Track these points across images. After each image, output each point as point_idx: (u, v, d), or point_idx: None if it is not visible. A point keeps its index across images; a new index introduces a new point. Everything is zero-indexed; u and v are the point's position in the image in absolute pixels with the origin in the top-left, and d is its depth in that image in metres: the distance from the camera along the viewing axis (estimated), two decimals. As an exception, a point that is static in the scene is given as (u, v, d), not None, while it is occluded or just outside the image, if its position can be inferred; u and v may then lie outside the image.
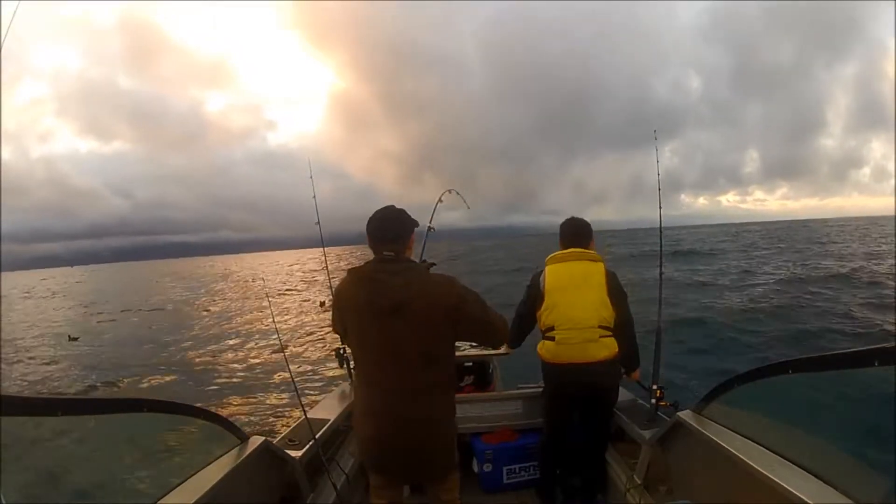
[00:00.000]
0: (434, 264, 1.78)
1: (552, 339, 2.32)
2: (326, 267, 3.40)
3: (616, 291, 2.33)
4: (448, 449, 1.68)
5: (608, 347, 2.29)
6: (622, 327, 2.35)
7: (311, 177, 3.04)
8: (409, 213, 1.69)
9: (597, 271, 2.34)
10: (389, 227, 1.61)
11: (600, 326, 2.27)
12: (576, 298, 2.31)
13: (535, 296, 2.40)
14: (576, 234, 2.38)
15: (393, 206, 1.67)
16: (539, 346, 2.41)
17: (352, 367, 3.14)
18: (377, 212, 1.65)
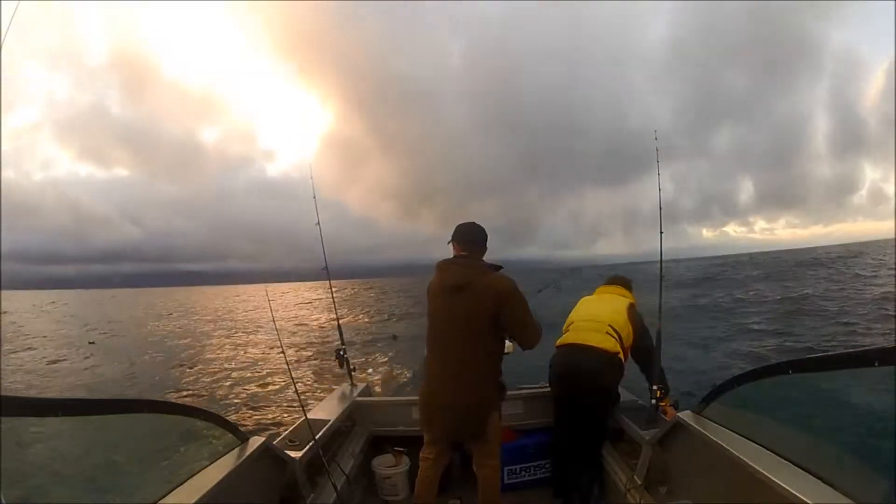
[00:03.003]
0: (501, 267, 2.04)
1: (567, 331, 2.69)
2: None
3: (636, 318, 2.64)
4: (482, 416, 1.99)
5: (611, 343, 2.47)
6: (644, 351, 2.58)
7: (314, 197, 3.04)
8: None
9: (623, 298, 2.76)
10: (468, 235, 2.06)
11: (609, 325, 2.55)
12: (595, 304, 2.79)
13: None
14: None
15: (474, 223, 2.09)
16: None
17: (352, 368, 3.16)
18: (461, 224, 2.08)
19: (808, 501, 1.19)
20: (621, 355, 2.49)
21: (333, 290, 3.54)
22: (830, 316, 12.82)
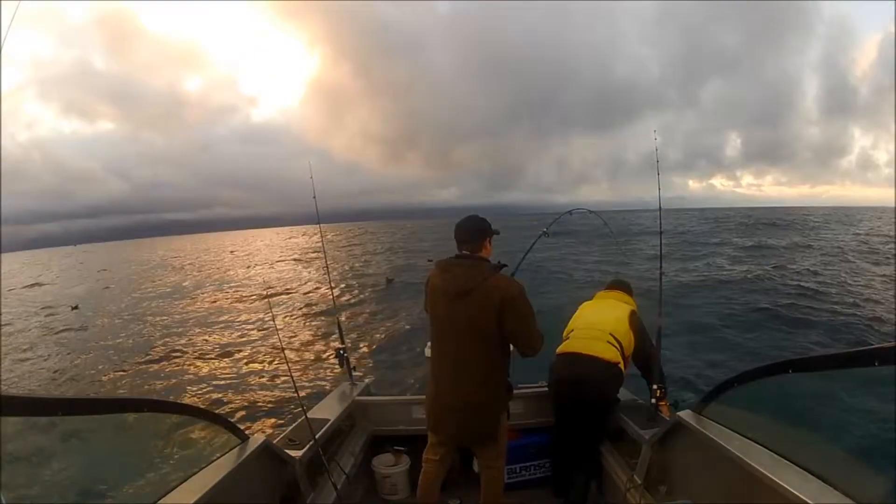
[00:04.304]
0: (505, 265, 2.02)
1: (567, 338, 2.66)
2: (325, 256, 3.50)
3: (638, 326, 2.61)
4: (492, 419, 1.99)
5: (612, 353, 2.46)
6: (646, 357, 2.56)
7: (311, 177, 3.06)
8: (479, 215, 2.05)
9: (625, 305, 2.72)
10: (464, 233, 2.00)
11: (611, 334, 2.53)
12: (596, 312, 2.74)
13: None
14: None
15: (474, 216, 2.03)
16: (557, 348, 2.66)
17: (352, 367, 3.16)
18: (461, 220, 2.02)
19: (809, 501, 1.19)
20: (622, 364, 2.49)
21: (332, 290, 3.56)
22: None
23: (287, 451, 2.09)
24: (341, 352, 3.08)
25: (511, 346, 2.04)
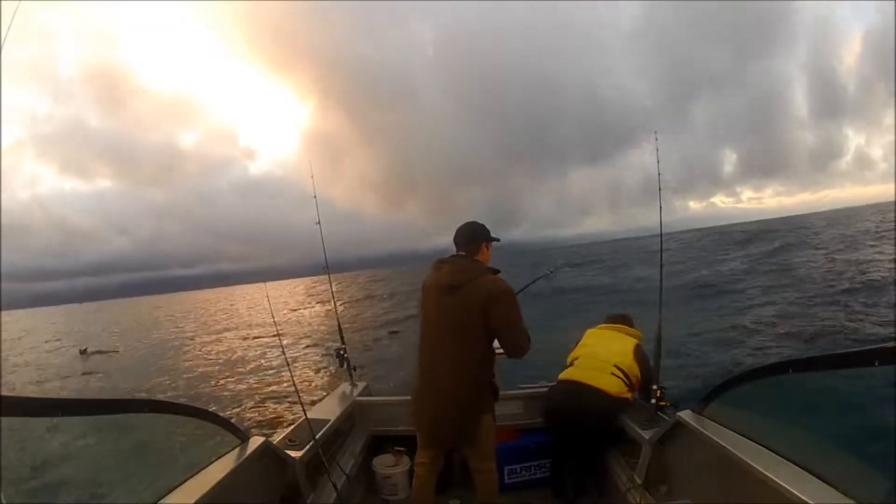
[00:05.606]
0: (499, 271, 2.01)
1: (571, 365, 2.67)
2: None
3: (642, 358, 2.59)
4: (470, 420, 1.94)
5: (616, 385, 2.45)
6: (645, 384, 2.53)
7: (314, 197, 3.11)
8: (482, 227, 2.08)
9: (630, 338, 2.69)
10: (462, 236, 2.04)
11: (616, 366, 2.51)
12: (602, 342, 2.72)
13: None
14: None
15: (473, 222, 2.08)
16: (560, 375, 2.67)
17: (353, 367, 3.16)
18: (461, 225, 2.07)
19: (809, 501, 1.19)
20: (627, 394, 2.47)
21: (331, 285, 3.55)
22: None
23: (287, 451, 2.09)
24: (341, 352, 3.09)
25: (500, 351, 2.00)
